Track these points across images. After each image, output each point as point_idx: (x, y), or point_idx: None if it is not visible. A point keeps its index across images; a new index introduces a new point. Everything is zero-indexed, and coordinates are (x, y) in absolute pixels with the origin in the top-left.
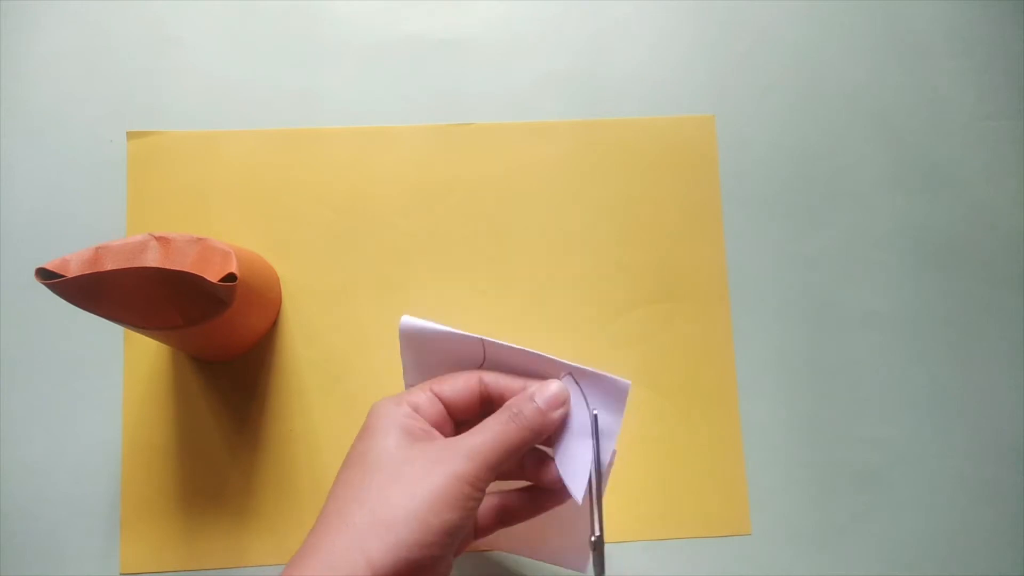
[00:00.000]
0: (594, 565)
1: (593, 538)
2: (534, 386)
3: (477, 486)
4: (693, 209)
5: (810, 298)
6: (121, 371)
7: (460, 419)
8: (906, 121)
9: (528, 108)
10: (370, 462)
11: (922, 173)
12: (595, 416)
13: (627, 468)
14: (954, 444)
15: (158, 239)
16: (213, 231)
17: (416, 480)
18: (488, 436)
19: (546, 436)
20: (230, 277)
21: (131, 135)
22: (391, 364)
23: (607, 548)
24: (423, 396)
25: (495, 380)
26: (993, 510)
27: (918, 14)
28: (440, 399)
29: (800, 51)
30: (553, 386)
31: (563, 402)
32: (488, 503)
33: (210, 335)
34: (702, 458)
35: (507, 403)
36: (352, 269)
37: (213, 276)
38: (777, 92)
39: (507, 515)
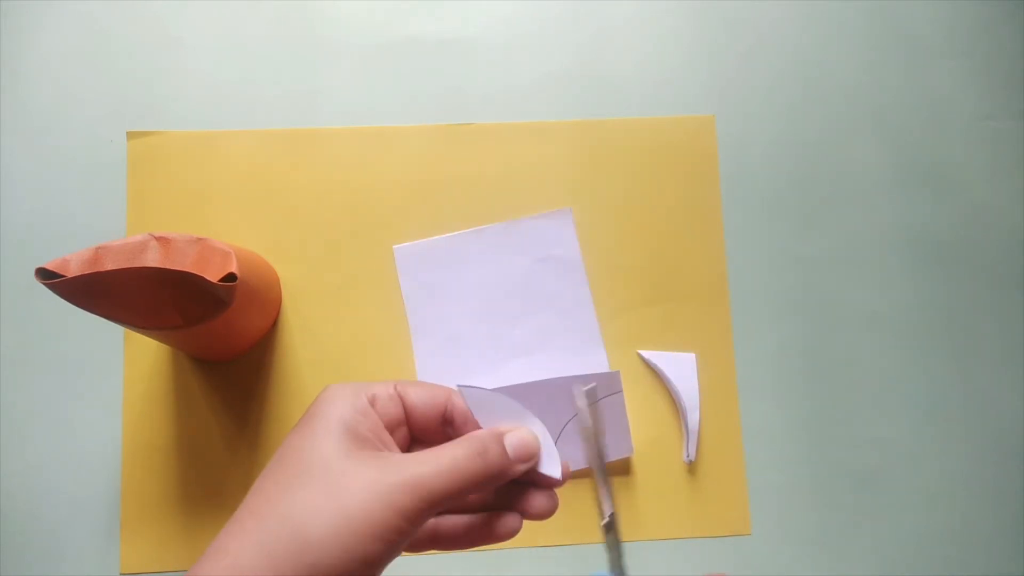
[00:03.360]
0: (608, 548)
1: (605, 520)
2: (506, 425)
3: (413, 522)
4: (693, 209)
5: (810, 298)
6: (121, 371)
7: (417, 430)
8: (906, 121)
9: (528, 108)
10: (304, 463)
11: (922, 173)
12: (592, 388)
13: (627, 468)
14: (954, 444)
15: (158, 239)
16: (213, 231)
17: (348, 500)
18: (441, 468)
19: (502, 483)
20: (230, 277)
21: (131, 135)
22: (390, 364)
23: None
24: (384, 391)
25: (461, 405)
26: (993, 510)
27: (918, 14)
28: (403, 400)
29: (800, 51)
30: (524, 434)
31: (531, 456)
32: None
33: (210, 335)
34: (702, 458)
35: (474, 434)
36: (352, 269)
37: (213, 276)
38: (777, 92)
39: (442, 540)
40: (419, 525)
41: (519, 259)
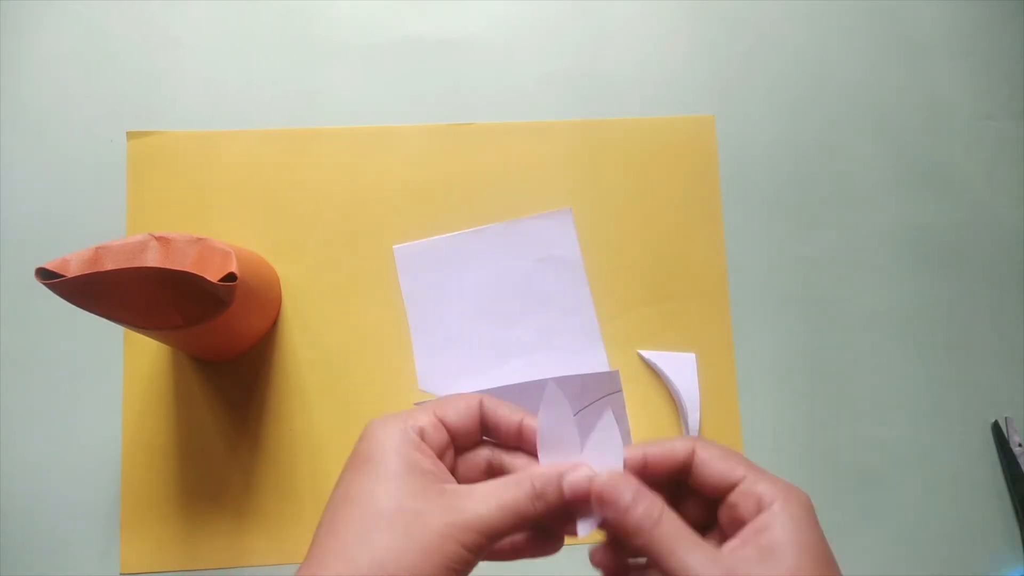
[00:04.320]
0: None
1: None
2: (565, 466)
3: (479, 555)
4: (693, 209)
5: (810, 298)
6: (121, 371)
7: (462, 447)
8: (906, 121)
9: (528, 108)
10: (378, 508)
11: (922, 173)
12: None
13: None
14: (954, 444)
15: (158, 239)
16: (213, 231)
17: (427, 540)
18: (504, 509)
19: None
20: (230, 277)
21: (131, 135)
22: (391, 364)
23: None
24: (428, 421)
25: (494, 408)
26: (992, 510)
27: (918, 14)
28: (444, 425)
29: (800, 51)
30: (582, 474)
31: (586, 495)
32: None
33: (210, 335)
34: None
35: (532, 474)
36: (352, 269)
37: (213, 276)
38: (777, 92)
39: (494, 554)
40: (482, 556)
41: (519, 259)
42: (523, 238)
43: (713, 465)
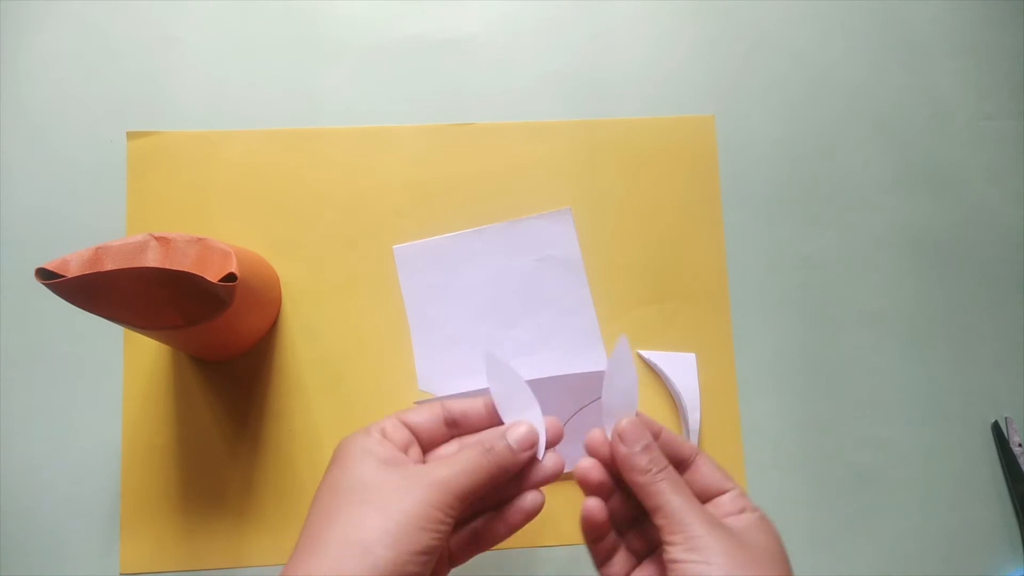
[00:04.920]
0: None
1: None
2: (507, 424)
3: (447, 512)
4: (693, 209)
5: (810, 298)
6: (121, 371)
7: (428, 444)
8: (906, 121)
9: (528, 108)
10: (344, 487)
11: (922, 173)
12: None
13: None
14: (953, 444)
15: (158, 239)
16: (213, 231)
17: (389, 503)
18: (458, 468)
19: (514, 474)
20: (230, 277)
21: (131, 135)
22: (391, 364)
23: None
24: (389, 423)
25: (457, 404)
26: (991, 510)
27: (918, 14)
28: (407, 425)
29: (800, 51)
30: (523, 428)
31: (532, 444)
32: (462, 532)
33: (210, 335)
34: None
35: (480, 436)
36: (352, 269)
37: (213, 276)
38: (777, 92)
39: (481, 541)
40: (453, 516)
41: (519, 259)
42: (523, 238)
43: (711, 472)
